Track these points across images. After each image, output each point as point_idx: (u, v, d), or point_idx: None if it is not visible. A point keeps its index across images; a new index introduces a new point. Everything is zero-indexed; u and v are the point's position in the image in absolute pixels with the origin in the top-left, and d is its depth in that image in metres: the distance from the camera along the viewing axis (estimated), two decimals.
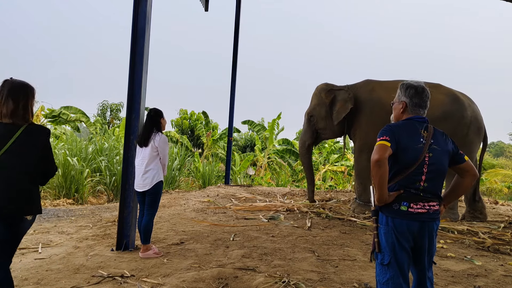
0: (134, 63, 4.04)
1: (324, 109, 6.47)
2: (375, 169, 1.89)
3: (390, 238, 1.94)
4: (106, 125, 19.29)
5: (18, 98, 2.05)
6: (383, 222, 1.98)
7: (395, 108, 2.20)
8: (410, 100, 2.12)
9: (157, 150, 3.74)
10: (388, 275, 1.94)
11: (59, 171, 8.28)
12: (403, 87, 2.16)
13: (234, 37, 10.24)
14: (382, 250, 1.96)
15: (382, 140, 1.94)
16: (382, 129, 2.04)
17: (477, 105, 6.30)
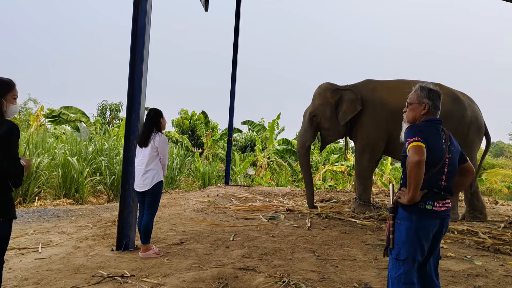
0: (134, 63, 4.04)
1: (329, 109, 6.30)
2: (415, 170, 1.92)
3: (411, 235, 2.02)
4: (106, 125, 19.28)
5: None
6: (405, 218, 2.04)
7: (414, 109, 2.24)
8: (433, 103, 2.19)
9: (157, 150, 3.74)
10: (402, 270, 2.02)
11: (59, 171, 8.29)
12: (424, 90, 2.22)
13: (234, 37, 10.24)
14: (399, 246, 2.04)
15: (416, 141, 1.97)
16: (410, 130, 2.08)
17: (478, 105, 6.30)
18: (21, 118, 17.59)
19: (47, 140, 10.23)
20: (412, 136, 2.01)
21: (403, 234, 2.04)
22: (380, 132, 6.07)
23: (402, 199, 2.04)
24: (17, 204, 7.40)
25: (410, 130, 2.08)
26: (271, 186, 12.11)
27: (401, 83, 6.26)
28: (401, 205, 2.07)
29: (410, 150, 1.96)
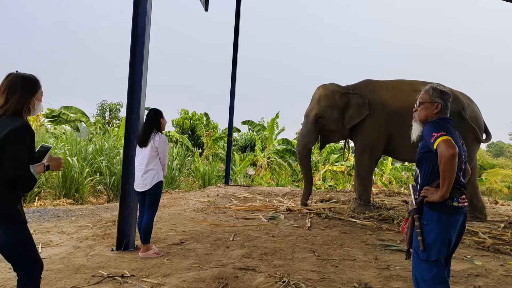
0: (134, 63, 4.04)
1: (336, 112, 6.24)
2: (451, 163, 1.90)
3: (441, 235, 2.01)
4: (107, 125, 19.29)
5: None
6: (433, 219, 2.02)
7: (426, 108, 2.23)
8: (444, 103, 2.22)
9: (157, 150, 3.74)
10: (435, 271, 2.01)
11: (59, 171, 8.29)
12: (436, 90, 2.24)
13: (234, 37, 10.24)
14: (429, 247, 2.01)
15: (444, 135, 1.95)
16: (435, 125, 2.08)
17: (477, 105, 6.30)
18: None
19: (47, 140, 10.24)
20: (438, 131, 1.99)
21: (433, 235, 2.01)
22: (380, 132, 6.07)
23: (432, 197, 2.00)
24: None
25: (433, 125, 2.07)
26: (271, 186, 12.11)
27: (400, 83, 6.28)
28: (428, 205, 2.03)
29: (441, 144, 1.92)
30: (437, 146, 1.94)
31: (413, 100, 6.30)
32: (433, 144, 1.96)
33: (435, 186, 2.03)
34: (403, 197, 8.93)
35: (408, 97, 6.04)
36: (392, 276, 3.33)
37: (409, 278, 3.28)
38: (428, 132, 2.04)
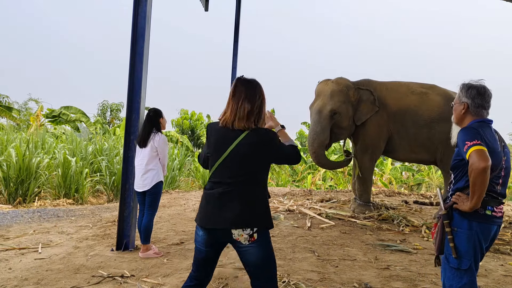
0: (134, 63, 4.04)
1: (351, 108, 6.04)
2: (481, 177, 1.79)
3: (472, 243, 1.93)
4: (107, 125, 19.29)
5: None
6: (464, 226, 1.94)
7: (455, 109, 2.13)
8: (472, 101, 2.04)
9: (157, 150, 3.74)
10: (466, 280, 1.93)
11: (59, 171, 8.30)
12: (464, 88, 2.08)
13: (234, 37, 10.24)
14: (460, 255, 1.94)
15: (477, 145, 1.82)
16: (468, 132, 1.93)
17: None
18: (21, 118, 17.61)
19: (47, 140, 10.24)
20: (471, 139, 1.86)
21: (464, 242, 1.93)
22: (381, 133, 6.07)
23: (461, 206, 1.92)
24: (17, 204, 7.41)
25: (466, 132, 1.92)
26: (271, 186, 12.11)
27: (397, 84, 6.31)
28: (459, 212, 1.95)
29: (473, 155, 1.81)
30: (469, 156, 1.82)
31: (411, 101, 6.30)
32: (466, 154, 1.85)
33: (467, 193, 1.94)
34: (403, 197, 8.93)
35: (406, 99, 6.06)
36: (392, 276, 3.33)
37: (409, 278, 3.28)
38: (461, 140, 1.92)
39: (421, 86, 6.28)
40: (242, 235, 1.73)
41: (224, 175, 1.81)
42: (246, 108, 1.81)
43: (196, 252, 1.89)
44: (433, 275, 3.39)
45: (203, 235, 1.83)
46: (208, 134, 1.91)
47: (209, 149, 1.90)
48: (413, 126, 5.99)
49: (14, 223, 5.40)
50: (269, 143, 1.83)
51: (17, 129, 15.97)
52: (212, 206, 1.80)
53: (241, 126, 1.79)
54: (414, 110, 5.99)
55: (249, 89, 1.86)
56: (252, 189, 1.80)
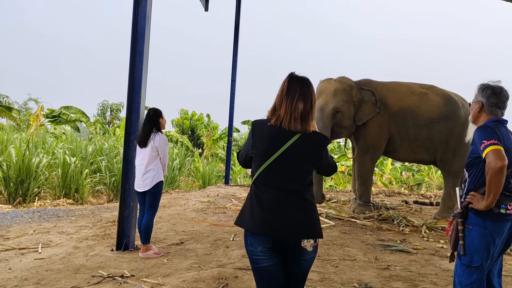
0: (134, 63, 4.04)
1: (353, 107, 6.04)
2: (498, 176, 1.83)
3: (485, 241, 1.96)
4: (107, 125, 19.30)
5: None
6: (478, 224, 1.97)
7: (472, 108, 2.18)
8: (487, 100, 2.08)
9: (157, 150, 3.74)
10: (475, 277, 1.96)
11: (59, 171, 8.30)
12: (480, 88, 2.13)
13: (234, 37, 10.24)
14: (471, 252, 1.97)
15: (495, 145, 1.86)
16: (485, 131, 1.96)
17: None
18: (21, 118, 17.61)
19: (47, 140, 10.24)
20: (488, 138, 1.89)
21: (477, 240, 1.96)
22: (382, 133, 6.08)
23: (476, 205, 1.95)
24: (17, 204, 7.41)
25: (483, 131, 1.96)
26: None
27: (398, 85, 6.33)
28: (474, 211, 1.98)
29: (490, 155, 1.84)
30: (486, 155, 1.86)
31: (411, 102, 6.31)
32: (482, 152, 1.89)
33: (481, 192, 1.97)
34: (403, 197, 8.93)
35: (406, 99, 6.09)
36: (392, 276, 3.33)
37: (409, 278, 3.28)
38: (478, 138, 1.95)
39: (420, 86, 6.30)
40: (309, 241, 1.67)
41: (277, 179, 1.69)
42: (301, 108, 1.69)
43: (262, 274, 1.69)
44: (433, 275, 3.39)
45: (264, 249, 1.65)
46: (255, 132, 1.75)
47: (256, 149, 1.73)
48: (413, 126, 6.01)
49: (14, 223, 5.40)
50: (322, 148, 1.75)
51: (17, 129, 15.97)
52: (272, 212, 1.65)
53: (297, 127, 1.67)
54: (414, 110, 6.01)
55: (304, 87, 1.74)
56: (309, 195, 1.72)
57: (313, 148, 1.72)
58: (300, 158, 1.69)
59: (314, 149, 1.72)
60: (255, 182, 1.72)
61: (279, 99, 1.73)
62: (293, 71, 1.79)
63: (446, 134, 6.00)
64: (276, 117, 1.70)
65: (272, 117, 1.72)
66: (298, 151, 1.68)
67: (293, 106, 1.68)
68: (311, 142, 1.71)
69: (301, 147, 1.68)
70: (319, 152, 1.74)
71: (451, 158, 6.06)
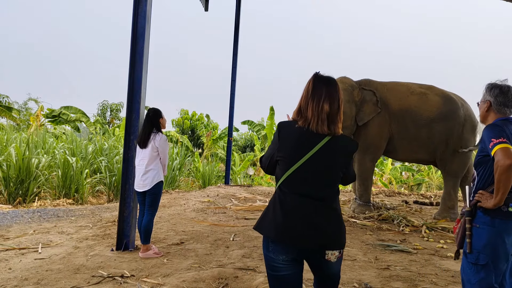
0: (134, 63, 4.04)
1: (354, 108, 6.04)
2: (506, 174, 1.82)
3: (493, 239, 1.95)
4: (107, 125, 19.30)
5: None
6: (486, 223, 1.97)
7: (480, 108, 2.17)
8: (495, 99, 2.08)
9: (157, 150, 3.74)
10: (482, 275, 1.96)
11: (59, 171, 8.29)
12: (488, 87, 2.13)
13: (234, 37, 10.24)
14: (478, 250, 1.97)
15: (503, 143, 1.86)
16: (494, 129, 1.96)
17: (470, 105, 6.40)
18: (21, 118, 17.61)
19: (47, 140, 10.24)
20: (497, 137, 1.89)
21: (484, 238, 1.96)
22: (382, 133, 6.08)
23: (485, 203, 1.95)
24: (17, 204, 7.41)
25: (492, 129, 1.96)
26: (271, 186, 12.10)
27: (398, 85, 6.34)
28: (482, 209, 1.98)
29: (499, 153, 1.84)
30: (495, 153, 1.86)
31: (411, 102, 6.31)
32: (491, 151, 1.89)
33: (490, 191, 1.97)
34: (403, 197, 8.94)
35: (406, 99, 6.10)
36: (392, 276, 3.33)
37: (409, 278, 3.28)
38: (487, 136, 1.95)
39: (419, 86, 6.32)
40: (334, 254, 1.60)
41: (304, 184, 1.60)
42: (327, 109, 1.62)
43: (279, 282, 1.64)
44: (433, 275, 3.39)
45: (286, 258, 1.59)
46: (281, 134, 1.66)
47: (282, 152, 1.64)
48: (413, 126, 6.02)
49: (14, 223, 5.40)
50: (351, 154, 1.69)
51: (17, 129, 15.98)
52: (298, 221, 1.56)
53: (324, 130, 1.60)
54: (414, 110, 6.02)
55: (330, 88, 1.66)
56: (336, 203, 1.65)
57: (343, 153, 1.66)
58: (329, 163, 1.61)
59: (344, 154, 1.66)
60: (280, 187, 1.63)
61: (305, 101, 1.66)
62: (317, 70, 1.72)
63: (445, 134, 6.01)
64: (304, 119, 1.63)
65: (299, 119, 1.65)
66: (327, 155, 1.60)
67: (320, 107, 1.61)
68: (341, 146, 1.65)
69: (330, 151, 1.60)
70: (348, 157, 1.68)
71: (451, 158, 6.06)
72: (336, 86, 1.68)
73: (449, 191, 6.08)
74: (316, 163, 1.59)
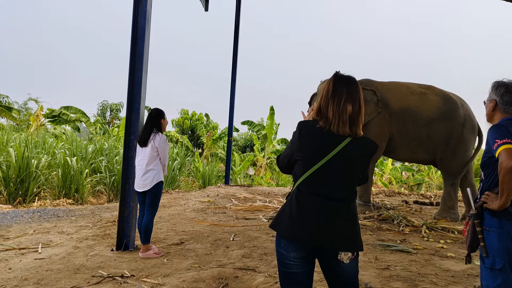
0: (134, 63, 4.04)
1: None
2: (510, 175, 1.78)
3: (504, 242, 1.90)
4: (106, 125, 19.30)
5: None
6: (494, 225, 1.93)
7: (486, 107, 2.12)
8: (501, 99, 2.01)
9: (157, 150, 3.74)
10: (500, 280, 1.91)
11: (59, 171, 8.29)
12: (494, 86, 2.07)
13: (234, 37, 10.24)
14: (492, 254, 1.93)
15: (507, 144, 1.81)
16: (496, 130, 1.92)
17: (469, 105, 6.40)
18: (21, 118, 17.61)
19: (47, 140, 10.24)
20: (501, 137, 1.84)
21: (496, 242, 1.91)
22: (382, 133, 6.09)
23: (490, 204, 1.91)
24: (17, 204, 7.41)
25: (496, 130, 1.91)
26: (271, 186, 12.10)
27: (398, 85, 6.34)
28: (489, 211, 1.94)
29: (503, 154, 1.80)
30: (499, 154, 1.82)
31: (411, 101, 6.30)
32: (495, 152, 1.85)
33: (496, 192, 1.92)
34: (403, 197, 8.93)
35: (406, 99, 6.11)
36: (392, 276, 3.33)
37: (409, 278, 3.28)
38: (491, 137, 1.90)
39: (419, 86, 6.33)
40: (347, 254, 1.59)
41: (323, 185, 1.59)
42: (349, 110, 1.59)
43: (290, 279, 1.61)
44: (433, 275, 3.39)
45: (297, 256, 1.58)
46: (302, 134, 1.64)
47: (302, 152, 1.62)
48: (413, 126, 6.02)
49: (14, 223, 5.40)
50: (370, 155, 1.67)
51: (17, 129, 15.98)
52: (313, 220, 1.56)
53: (346, 131, 1.58)
54: (414, 110, 6.02)
55: (351, 88, 1.63)
56: (353, 204, 1.64)
57: (363, 154, 1.64)
58: (349, 164, 1.60)
59: (364, 156, 1.64)
60: (299, 187, 1.62)
61: (325, 101, 1.63)
62: (338, 70, 1.69)
63: (445, 133, 6.02)
64: (324, 120, 1.61)
65: (320, 120, 1.63)
66: (347, 156, 1.59)
67: (341, 108, 1.59)
68: (361, 147, 1.63)
69: (350, 152, 1.59)
70: (368, 159, 1.66)
71: (451, 157, 6.06)
72: (357, 86, 1.66)
73: (449, 191, 6.08)
74: (336, 164, 1.58)
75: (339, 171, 1.59)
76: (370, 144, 1.67)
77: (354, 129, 1.61)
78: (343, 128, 1.58)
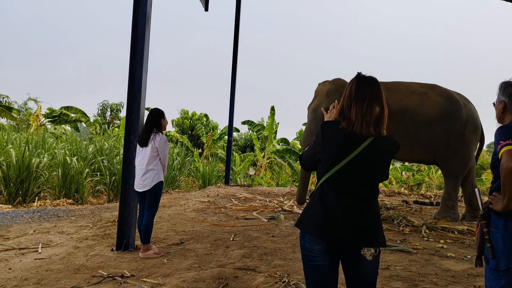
0: (134, 63, 4.04)
1: None
2: (510, 176, 1.76)
3: (509, 243, 1.89)
4: (106, 125, 19.31)
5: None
6: (500, 226, 1.92)
7: (496, 108, 2.10)
8: (509, 100, 2.00)
9: (157, 150, 3.74)
10: (504, 281, 1.90)
11: (59, 171, 8.29)
12: (502, 87, 2.05)
13: (234, 37, 10.25)
14: (497, 256, 1.91)
15: (510, 145, 1.79)
16: (502, 131, 1.91)
17: (473, 105, 6.37)
18: (21, 118, 17.61)
19: (47, 140, 10.25)
20: (505, 139, 1.83)
21: (500, 243, 1.90)
22: None
23: (495, 205, 1.90)
24: (17, 204, 7.41)
25: (501, 131, 1.90)
26: (271, 186, 12.10)
27: (398, 85, 6.32)
28: (495, 212, 1.93)
29: (504, 155, 1.78)
30: (501, 155, 1.81)
31: (410, 102, 6.28)
32: (499, 153, 1.84)
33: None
34: (403, 197, 8.93)
35: (406, 99, 6.09)
36: (392, 276, 3.33)
37: (409, 278, 3.28)
38: (496, 139, 1.90)
39: (421, 86, 6.29)
40: (370, 250, 1.64)
41: (346, 183, 1.62)
42: (373, 111, 1.61)
43: (315, 272, 1.65)
44: (433, 275, 3.39)
45: (321, 249, 1.61)
46: (325, 134, 1.66)
47: (325, 153, 1.65)
48: (413, 126, 6.01)
49: (14, 223, 5.40)
50: (392, 154, 1.68)
51: (17, 129, 15.98)
52: (337, 218, 1.59)
53: (370, 132, 1.61)
54: (414, 110, 6.01)
55: (374, 89, 1.65)
56: (375, 202, 1.67)
57: (385, 153, 1.66)
58: (371, 163, 1.63)
59: (385, 155, 1.66)
60: (322, 185, 1.65)
61: (348, 102, 1.65)
62: (359, 71, 1.70)
63: (446, 134, 6.00)
64: (347, 121, 1.63)
65: (342, 120, 1.65)
66: (370, 155, 1.61)
67: (364, 110, 1.60)
68: (383, 146, 1.65)
69: (373, 151, 1.61)
70: (389, 158, 1.69)
71: (452, 158, 6.06)
72: (379, 87, 1.67)
73: (450, 191, 6.07)
74: (358, 163, 1.61)
75: (361, 170, 1.62)
76: (391, 143, 1.69)
77: (378, 130, 1.63)
78: (367, 129, 1.60)
